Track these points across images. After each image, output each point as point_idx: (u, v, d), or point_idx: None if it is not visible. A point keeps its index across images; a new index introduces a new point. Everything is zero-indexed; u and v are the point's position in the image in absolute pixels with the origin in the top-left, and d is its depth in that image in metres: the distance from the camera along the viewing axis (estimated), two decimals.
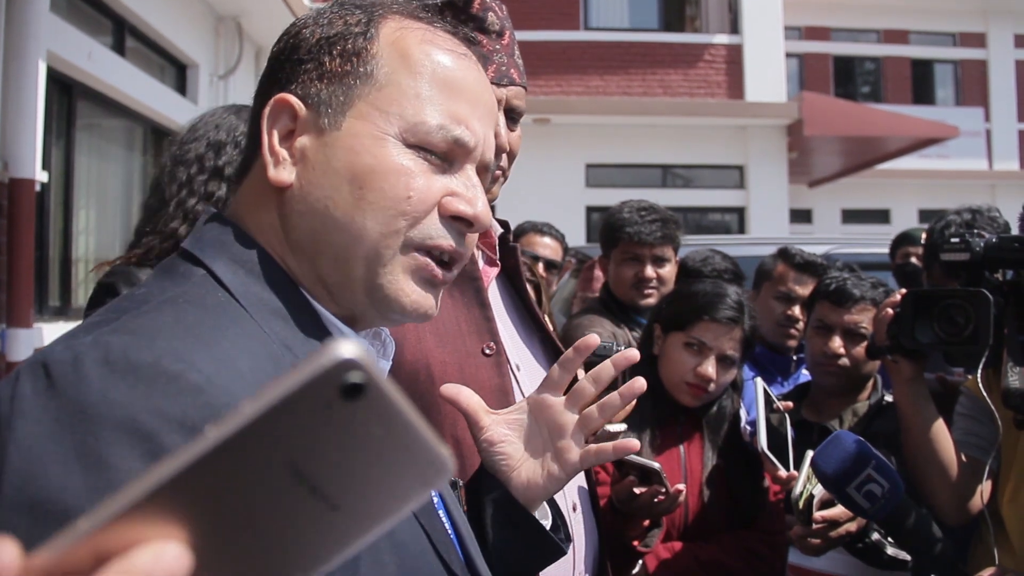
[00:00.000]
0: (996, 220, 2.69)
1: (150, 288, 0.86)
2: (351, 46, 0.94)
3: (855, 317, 2.44)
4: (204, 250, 0.91)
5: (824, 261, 3.27)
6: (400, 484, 0.40)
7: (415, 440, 0.40)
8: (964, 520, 2.00)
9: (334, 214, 0.90)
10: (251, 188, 0.96)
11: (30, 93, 4.53)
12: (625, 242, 3.05)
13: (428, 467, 0.40)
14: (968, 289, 1.91)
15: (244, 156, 1.00)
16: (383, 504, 0.41)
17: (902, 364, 2.00)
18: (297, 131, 0.93)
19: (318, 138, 0.92)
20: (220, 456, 0.36)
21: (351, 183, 0.90)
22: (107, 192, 6.36)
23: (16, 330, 4.49)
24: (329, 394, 0.37)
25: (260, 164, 0.94)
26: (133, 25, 6.26)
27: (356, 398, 0.37)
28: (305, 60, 0.94)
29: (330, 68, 0.93)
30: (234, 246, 0.91)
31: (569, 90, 14.05)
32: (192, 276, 0.88)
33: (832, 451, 1.82)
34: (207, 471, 0.36)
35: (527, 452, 1.15)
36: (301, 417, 0.37)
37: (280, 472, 0.38)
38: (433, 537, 0.88)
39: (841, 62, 19.97)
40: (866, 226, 18.00)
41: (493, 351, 1.43)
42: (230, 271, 0.88)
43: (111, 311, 0.81)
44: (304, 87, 0.93)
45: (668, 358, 2.24)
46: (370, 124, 0.91)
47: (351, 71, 0.93)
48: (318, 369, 0.36)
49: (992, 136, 19.39)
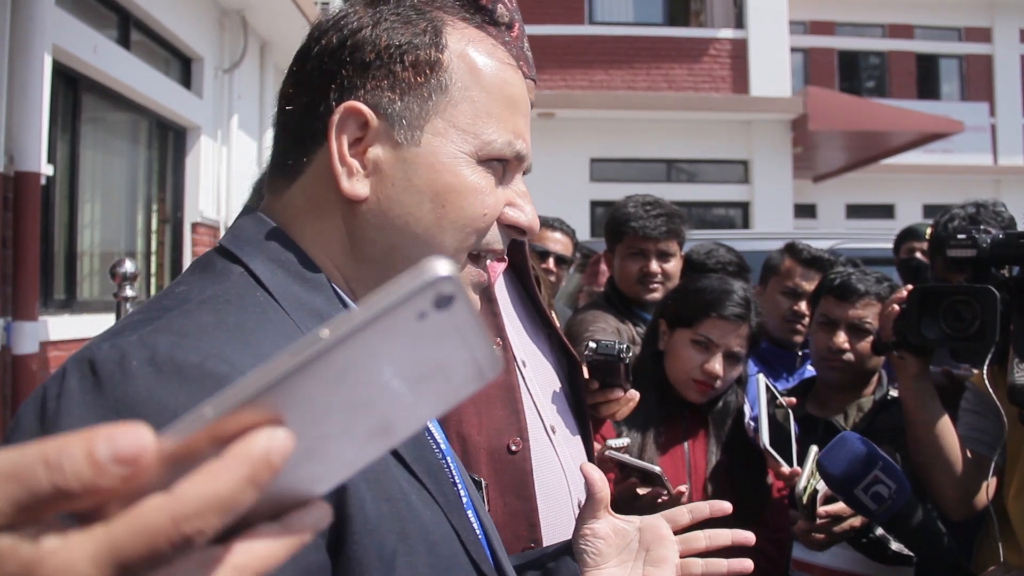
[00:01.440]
0: (1001, 214, 2.69)
1: (189, 286, 0.86)
2: (424, 56, 0.92)
3: (860, 312, 2.44)
4: (242, 247, 0.91)
5: (831, 256, 3.27)
6: (457, 382, 0.45)
7: (478, 343, 0.44)
8: (969, 516, 2.00)
9: (415, 230, 0.92)
10: (307, 192, 0.94)
11: (36, 87, 4.53)
12: (629, 236, 3.05)
13: (484, 366, 0.45)
14: (974, 286, 1.91)
15: (283, 150, 0.97)
16: (442, 398, 0.45)
17: (908, 360, 2.00)
18: (367, 141, 0.91)
19: (394, 152, 0.91)
20: (326, 358, 0.41)
21: (433, 201, 0.91)
22: (112, 185, 6.36)
23: (21, 323, 4.50)
24: (425, 305, 0.41)
25: (319, 169, 0.92)
26: (138, 19, 6.26)
27: (446, 308, 0.42)
28: (373, 66, 0.91)
29: (403, 79, 0.91)
30: (272, 245, 0.91)
31: (574, 84, 14.04)
32: (230, 274, 0.88)
33: (838, 453, 1.82)
34: (315, 369, 0.41)
35: (616, 559, 1.16)
36: (398, 325, 0.41)
37: (371, 372, 0.42)
38: (463, 537, 0.88)
39: (846, 57, 19.91)
40: (870, 221, 17.96)
41: (499, 347, 1.42)
42: (268, 270, 0.88)
43: (153, 309, 0.82)
44: (374, 96, 0.91)
45: (675, 354, 2.24)
46: (449, 143, 0.92)
47: (425, 83, 0.92)
48: (420, 284, 0.41)
49: (997, 131, 19.33)
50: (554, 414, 1.47)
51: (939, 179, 18.29)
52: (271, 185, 0.98)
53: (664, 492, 1.81)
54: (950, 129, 14.40)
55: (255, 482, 0.39)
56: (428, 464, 0.89)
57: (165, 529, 0.37)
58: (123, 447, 0.37)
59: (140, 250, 6.75)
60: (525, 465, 1.37)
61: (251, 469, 0.39)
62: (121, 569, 0.37)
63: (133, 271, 3.91)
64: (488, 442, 1.33)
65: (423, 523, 0.83)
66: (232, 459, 0.39)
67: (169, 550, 0.37)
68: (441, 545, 0.85)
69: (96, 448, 0.36)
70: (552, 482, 1.39)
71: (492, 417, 1.36)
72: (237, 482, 0.38)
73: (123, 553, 0.37)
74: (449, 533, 0.87)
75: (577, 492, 1.45)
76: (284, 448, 0.40)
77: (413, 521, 0.81)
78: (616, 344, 1.69)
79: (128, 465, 0.37)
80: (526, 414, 1.40)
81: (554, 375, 1.54)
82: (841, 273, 2.55)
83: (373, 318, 0.41)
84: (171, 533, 0.37)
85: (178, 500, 0.38)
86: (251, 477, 0.39)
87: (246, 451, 0.39)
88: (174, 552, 0.38)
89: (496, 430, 1.36)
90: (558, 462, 1.42)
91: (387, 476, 0.81)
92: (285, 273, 0.89)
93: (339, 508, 0.74)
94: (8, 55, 4.45)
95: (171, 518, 0.37)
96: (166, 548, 0.37)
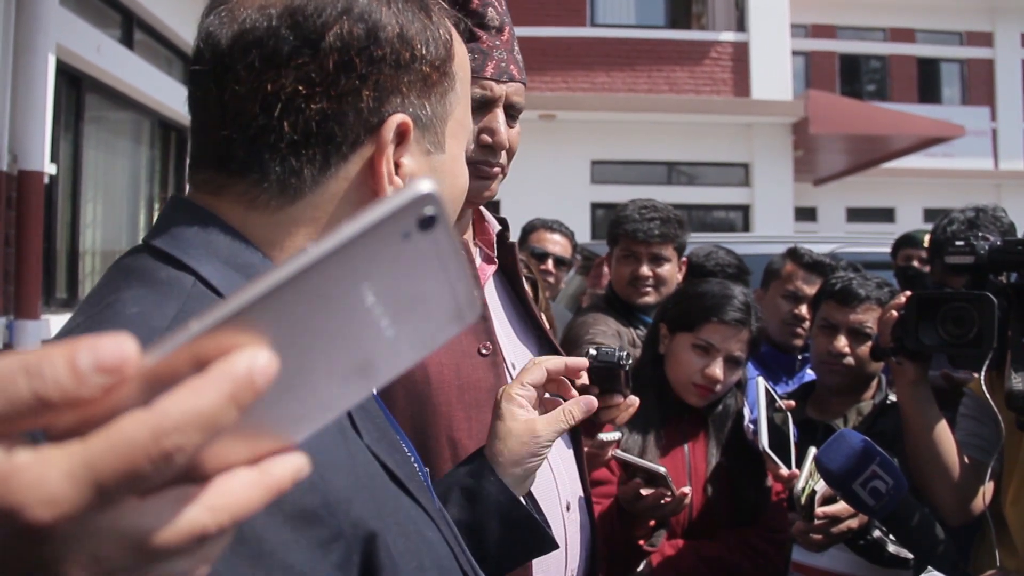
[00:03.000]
0: (1000, 220, 2.70)
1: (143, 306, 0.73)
2: (443, 51, 0.84)
3: (860, 317, 2.45)
4: (184, 248, 0.78)
5: (832, 261, 3.28)
6: (436, 321, 0.44)
7: (458, 277, 0.43)
8: (966, 521, 2.02)
9: None
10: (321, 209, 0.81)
11: (39, 86, 4.55)
12: (624, 239, 3.07)
13: (463, 305, 0.44)
14: (973, 292, 1.92)
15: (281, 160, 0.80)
16: (422, 339, 0.44)
17: (906, 366, 2.02)
18: (399, 152, 0.82)
19: (426, 161, 0.84)
20: (313, 273, 0.39)
21: (454, 207, 0.91)
22: (115, 184, 6.38)
23: (24, 321, 4.52)
24: (409, 224, 0.40)
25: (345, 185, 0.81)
26: (141, 18, 6.28)
27: (429, 229, 0.41)
28: (409, 68, 0.81)
29: (432, 79, 0.83)
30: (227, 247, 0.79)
31: (575, 86, 14.04)
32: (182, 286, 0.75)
33: (837, 449, 1.84)
34: (300, 287, 0.39)
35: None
36: (384, 243, 0.40)
37: (355, 295, 0.41)
38: (451, 545, 0.87)
39: (847, 60, 19.92)
40: (871, 225, 17.97)
41: (489, 351, 1.43)
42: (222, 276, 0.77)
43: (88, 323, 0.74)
44: (410, 102, 0.82)
45: (675, 358, 2.26)
46: (458, 143, 0.88)
47: (444, 82, 0.85)
48: (406, 199, 0.40)
49: (998, 135, 19.34)
50: None
51: (940, 183, 18.29)
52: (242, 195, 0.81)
53: (668, 493, 1.83)
54: (951, 133, 14.40)
55: (237, 401, 0.38)
56: (413, 477, 0.86)
57: (144, 444, 0.36)
58: (105, 356, 0.36)
59: None
60: None
61: (234, 386, 0.37)
62: (98, 487, 0.35)
63: None
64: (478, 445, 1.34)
65: (432, 547, 0.81)
66: (215, 375, 0.38)
67: (148, 467, 0.36)
68: (444, 560, 0.84)
69: (78, 357, 0.35)
70: (541, 484, 1.40)
71: (482, 421, 1.35)
72: (219, 399, 0.37)
73: (100, 469, 0.35)
74: (447, 550, 0.85)
75: (566, 494, 1.46)
76: (267, 368, 0.38)
77: (426, 549, 0.80)
78: (616, 351, 1.70)
79: (110, 374, 0.36)
80: None
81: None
82: (842, 278, 2.56)
83: (360, 232, 0.40)
84: (151, 448, 0.36)
85: (159, 414, 0.36)
86: (233, 395, 0.37)
87: (229, 368, 0.38)
88: (153, 470, 0.36)
89: (486, 433, 1.37)
90: (547, 464, 1.43)
91: (397, 507, 0.79)
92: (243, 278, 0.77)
93: (368, 559, 0.72)
94: (13, 55, 4.47)
95: (151, 432, 0.36)
96: (145, 465, 0.36)
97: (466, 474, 1.18)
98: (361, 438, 0.79)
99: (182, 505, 0.38)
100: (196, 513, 0.38)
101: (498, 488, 1.15)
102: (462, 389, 1.39)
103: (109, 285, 0.78)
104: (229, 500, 0.39)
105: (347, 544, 0.70)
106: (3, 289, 4.47)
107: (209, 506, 0.39)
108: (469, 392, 1.39)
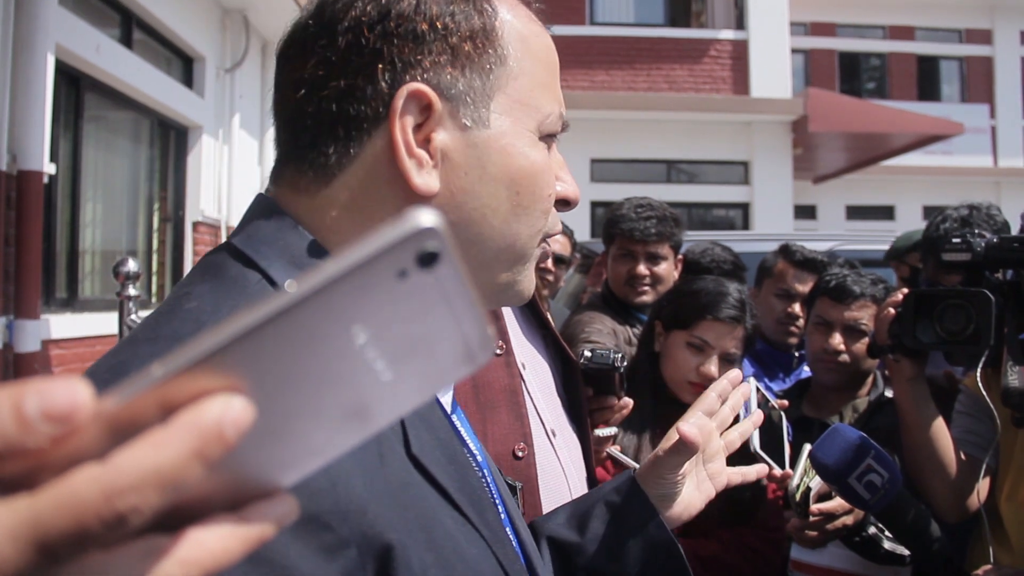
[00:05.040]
0: (994, 218, 2.70)
1: (201, 300, 0.76)
2: (479, 24, 0.82)
3: (855, 314, 2.46)
4: (258, 249, 0.80)
5: (824, 258, 3.28)
6: (443, 362, 0.40)
7: (468, 317, 0.39)
8: (962, 518, 2.02)
9: (492, 222, 0.84)
10: (355, 189, 0.83)
11: (39, 86, 4.55)
12: (620, 238, 3.07)
13: (474, 345, 0.40)
14: (969, 289, 1.93)
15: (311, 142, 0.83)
16: (427, 381, 0.40)
17: (903, 363, 2.02)
18: (429, 126, 0.80)
19: (463, 136, 0.82)
20: (294, 314, 0.36)
21: (508, 188, 0.85)
22: (114, 184, 6.38)
23: (23, 321, 4.52)
24: (406, 261, 0.36)
25: (371, 162, 0.81)
26: (140, 18, 6.28)
27: (430, 267, 0.37)
28: (427, 39, 0.80)
29: (463, 52, 0.81)
30: (295, 247, 0.81)
31: (574, 85, 14.05)
32: (247, 283, 0.78)
33: (831, 443, 1.84)
34: (280, 328, 0.36)
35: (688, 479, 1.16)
36: (375, 282, 0.36)
37: (344, 337, 0.37)
38: (507, 568, 0.82)
39: (847, 58, 19.92)
40: (870, 222, 17.98)
41: (503, 350, 1.42)
42: (291, 277, 0.78)
43: (161, 325, 0.76)
44: (435, 74, 0.80)
45: (670, 356, 2.26)
46: (515, 121, 0.85)
47: (484, 56, 0.83)
48: (400, 235, 0.36)
49: (997, 133, 19.35)
50: (554, 417, 1.48)
51: (939, 181, 18.30)
52: (293, 182, 0.85)
53: None
54: (950, 131, 14.41)
55: (203, 456, 0.34)
56: (471, 491, 0.82)
57: (95, 503, 0.33)
58: (54, 403, 0.32)
59: (141, 249, 6.77)
60: (530, 471, 1.36)
61: (200, 441, 0.34)
62: (42, 548, 0.32)
63: (136, 270, 3.92)
64: (494, 448, 1.33)
65: (469, 564, 0.77)
66: (179, 427, 0.34)
67: (99, 529, 0.33)
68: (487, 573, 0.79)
69: (24, 403, 0.32)
70: (555, 486, 1.40)
71: (497, 423, 1.35)
72: (182, 454, 0.34)
73: (46, 529, 0.32)
74: (495, 568, 0.80)
75: (576, 493, 1.45)
76: (240, 419, 0.35)
77: (459, 563, 0.76)
78: (611, 354, 1.71)
79: (59, 423, 0.32)
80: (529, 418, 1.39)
81: (551, 377, 1.54)
82: (836, 275, 2.56)
83: (346, 271, 0.36)
84: (101, 508, 0.33)
85: (112, 471, 0.33)
86: (199, 450, 0.34)
87: (195, 419, 0.34)
88: (105, 532, 0.33)
89: (502, 436, 1.35)
90: (560, 465, 1.43)
91: (432, 519, 0.75)
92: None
93: (383, 572, 0.69)
94: (12, 54, 4.48)
95: (102, 491, 0.33)
96: (95, 526, 0.33)
97: (613, 490, 1.16)
98: (409, 446, 0.76)
99: (152, 560, 0.35)
100: (166, 568, 0.35)
101: (644, 506, 1.14)
102: (477, 388, 1.37)
103: (190, 277, 0.82)
104: (203, 554, 0.36)
105: (359, 552, 0.67)
106: (3, 289, 4.47)
107: (181, 560, 0.36)
108: (484, 392, 1.38)
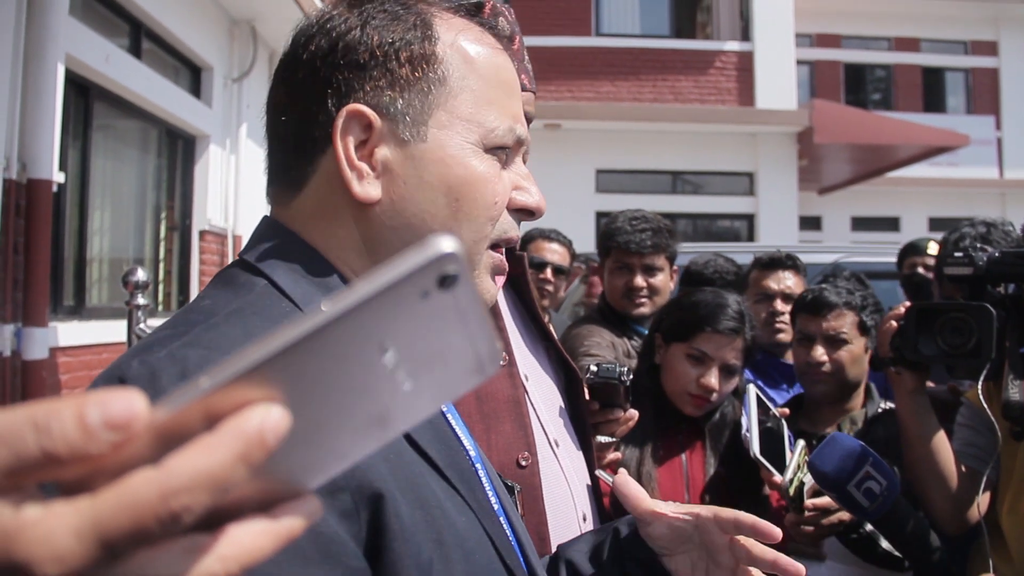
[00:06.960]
0: (1010, 234, 2.71)
1: (215, 300, 0.87)
2: (418, 51, 0.92)
3: (833, 324, 2.48)
4: (263, 260, 0.91)
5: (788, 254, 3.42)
6: (456, 373, 0.44)
7: (479, 332, 0.43)
8: (962, 529, 2.03)
9: (432, 226, 0.91)
10: (315, 200, 0.94)
11: (48, 95, 4.59)
12: (616, 251, 3.08)
13: (484, 358, 0.44)
14: (971, 303, 1.94)
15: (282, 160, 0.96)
16: (441, 391, 0.44)
17: (905, 376, 2.03)
18: (372, 142, 0.91)
19: (402, 150, 0.91)
20: (327, 331, 0.39)
21: (447, 195, 0.92)
22: (122, 193, 6.42)
23: (31, 329, 4.54)
24: (428, 283, 0.40)
25: (326, 176, 0.92)
26: (149, 28, 6.32)
27: (450, 288, 0.41)
28: (369, 66, 0.91)
29: (401, 76, 0.91)
30: (291, 254, 0.91)
31: (580, 96, 14.09)
32: (254, 286, 0.88)
33: (830, 451, 1.85)
34: (314, 344, 0.39)
35: (680, 549, 1.17)
36: (401, 302, 0.40)
37: (372, 352, 0.41)
38: (497, 543, 0.89)
39: (852, 70, 19.93)
40: (876, 234, 17.95)
41: (506, 362, 1.43)
42: (291, 280, 0.89)
43: (179, 323, 0.83)
44: (375, 96, 0.90)
45: (670, 368, 2.27)
46: (454, 134, 0.92)
47: (423, 78, 0.92)
48: (424, 260, 0.40)
49: (1003, 145, 19.31)
50: (557, 428, 1.49)
51: (945, 192, 18.29)
52: (275, 196, 0.98)
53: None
54: (956, 142, 14.41)
55: (247, 459, 0.38)
56: (460, 470, 0.89)
57: (152, 503, 0.36)
58: (114, 412, 0.36)
59: (148, 257, 6.80)
60: (534, 479, 1.37)
61: (244, 445, 0.38)
62: (105, 545, 0.35)
63: (145, 279, 3.95)
64: (498, 457, 1.34)
65: (458, 530, 0.83)
66: (225, 434, 0.38)
67: (155, 527, 0.36)
68: (476, 552, 0.85)
69: (87, 412, 0.35)
70: (559, 495, 1.41)
71: (501, 432, 1.37)
72: (229, 458, 0.37)
73: (108, 527, 0.36)
74: (483, 539, 0.87)
75: (581, 505, 1.46)
76: (279, 426, 0.39)
77: (448, 528, 0.82)
78: (616, 367, 1.73)
79: (118, 431, 0.36)
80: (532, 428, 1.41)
81: (554, 388, 1.55)
82: (813, 289, 2.61)
83: (376, 292, 0.39)
84: (158, 508, 0.36)
85: (167, 473, 0.36)
86: (244, 454, 0.38)
87: (240, 427, 0.38)
88: (160, 530, 0.36)
89: (506, 445, 1.37)
90: (563, 475, 1.44)
91: (421, 482, 0.82)
92: (308, 282, 0.89)
93: (375, 517, 0.75)
94: (22, 64, 4.51)
95: (159, 492, 0.36)
96: (152, 524, 0.36)
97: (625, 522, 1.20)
98: None
99: (194, 556, 0.38)
100: (207, 564, 0.39)
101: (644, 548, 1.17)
102: (480, 400, 1.39)
103: (208, 286, 0.94)
104: (240, 550, 0.40)
105: (352, 498, 0.74)
106: (11, 296, 4.50)
107: (220, 556, 0.39)
108: (488, 403, 1.39)
